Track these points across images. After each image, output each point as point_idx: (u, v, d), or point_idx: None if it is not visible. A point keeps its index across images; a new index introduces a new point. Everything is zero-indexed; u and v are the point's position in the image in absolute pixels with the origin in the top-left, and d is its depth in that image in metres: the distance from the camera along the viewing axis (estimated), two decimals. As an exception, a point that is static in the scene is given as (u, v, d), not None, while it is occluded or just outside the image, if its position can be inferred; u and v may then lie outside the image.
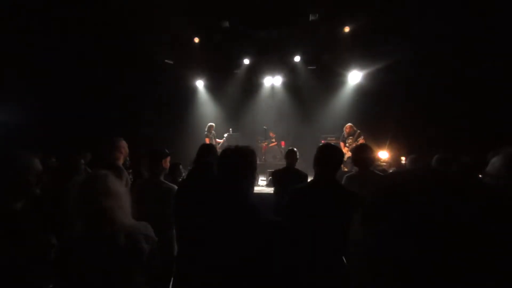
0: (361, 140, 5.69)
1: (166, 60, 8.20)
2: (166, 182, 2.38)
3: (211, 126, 7.21)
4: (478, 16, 5.40)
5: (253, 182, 1.08)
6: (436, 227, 0.25)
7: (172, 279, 2.21)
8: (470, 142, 5.16)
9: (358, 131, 5.89)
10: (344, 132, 6.06)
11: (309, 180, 2.54)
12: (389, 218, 0.28)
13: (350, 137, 5.96)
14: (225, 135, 7.64)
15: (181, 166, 3.83)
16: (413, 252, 0.25)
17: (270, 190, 5.00)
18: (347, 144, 6.05)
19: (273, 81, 9.18)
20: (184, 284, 1.78)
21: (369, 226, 0.31)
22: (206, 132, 7.11)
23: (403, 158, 6.09)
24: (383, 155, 6.17)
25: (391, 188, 0.31)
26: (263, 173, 6.36)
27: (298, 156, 3.32)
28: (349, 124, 6.06)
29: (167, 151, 2.44)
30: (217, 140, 7.35)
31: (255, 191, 1.20)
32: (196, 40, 7.63)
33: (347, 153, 5.55)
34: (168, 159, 2.45)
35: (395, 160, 6.25)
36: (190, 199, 1.97)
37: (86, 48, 6.78)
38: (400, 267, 0.26)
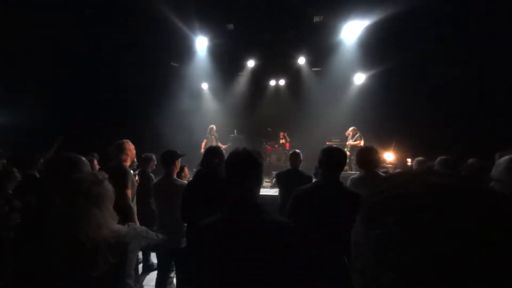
0: (359, 142, 5.81)
1: (171, 63, 8.28)
2: (179, 179, 2.62)
3: (212, 128, 7.16)
4: (483, 17, 5.33)
5: (260, 184, 1.09)
6: (439, 234, 0.25)
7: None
8: (477, 143, 5.07)
9: (359, 133, 6.02)
10: (348, 134, 6.23)
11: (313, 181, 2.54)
12: (388, 222, 0.28)
13: (352, 139, 6.12)
14: (231, 135, 7.65)
15: (186, 168, 3.91)
16: (413, 258, 0.25)
17: (274, 191, 4.99)
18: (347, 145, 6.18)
19: (277, 83, 9.19)
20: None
21: (368, 228, 0.31)
22: (207, 134, 7.09)
23: (409, 160, 6.02)
24: (389, 157, 6.11)
25: (392, 190, 0.31)
26: (267, 174, 6.36)
27: (302, 158, 3.33)
28: (353, 127, 6.17)
29: (179, 153, 2.64)
30: (220, 144, 7.29)
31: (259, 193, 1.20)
32: (202, 42, 7.69)
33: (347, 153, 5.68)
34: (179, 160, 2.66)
35: (401, 162, 6.19)
36: (198, 199, 2.00)
37: (93, 50, 6.88)
38: (400, 273, 0.26)
